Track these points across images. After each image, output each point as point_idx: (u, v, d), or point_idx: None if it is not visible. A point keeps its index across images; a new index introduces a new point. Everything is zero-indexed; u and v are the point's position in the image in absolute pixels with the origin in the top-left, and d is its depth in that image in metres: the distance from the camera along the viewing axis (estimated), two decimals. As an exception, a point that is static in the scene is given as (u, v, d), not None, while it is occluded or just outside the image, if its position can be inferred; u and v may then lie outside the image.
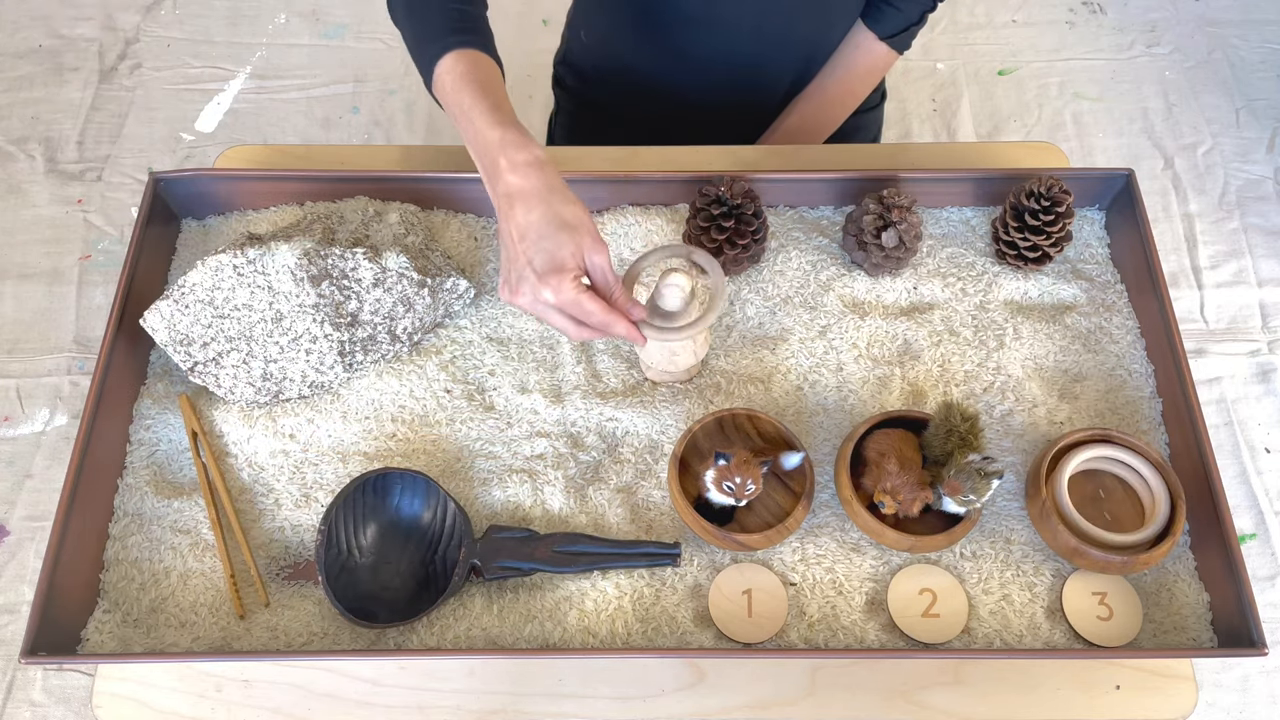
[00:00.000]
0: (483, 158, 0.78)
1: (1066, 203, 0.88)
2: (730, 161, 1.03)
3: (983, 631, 0.77)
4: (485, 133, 0.77)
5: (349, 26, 2.13)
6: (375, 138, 1.98)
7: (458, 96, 0.80)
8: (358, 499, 0.78)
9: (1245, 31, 2.16)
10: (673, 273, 0.76)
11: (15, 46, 2.07)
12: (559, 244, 0.73)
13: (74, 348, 1.72)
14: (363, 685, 0.78)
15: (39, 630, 0.72)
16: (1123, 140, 2.00)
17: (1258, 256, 1.84)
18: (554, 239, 0.73)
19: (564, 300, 0.72)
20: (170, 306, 0.82)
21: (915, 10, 1.03)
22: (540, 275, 0.72)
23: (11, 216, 1.86)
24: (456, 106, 0.80)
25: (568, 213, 0.74)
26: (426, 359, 0.88)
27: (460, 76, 0.80)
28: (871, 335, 0.90)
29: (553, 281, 0.72)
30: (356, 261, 0.84)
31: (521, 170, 0.75)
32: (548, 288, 0.72)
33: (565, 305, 0.73)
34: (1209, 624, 0.78)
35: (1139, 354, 0.90)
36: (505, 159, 0.75)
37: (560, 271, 0.72)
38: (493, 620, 0.77)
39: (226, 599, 0.78)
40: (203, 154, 1.94)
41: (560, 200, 0.75)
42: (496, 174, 0.76)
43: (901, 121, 2.02)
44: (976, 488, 0.74)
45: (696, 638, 0.77)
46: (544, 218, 0.73)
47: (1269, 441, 1.66)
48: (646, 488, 0.83)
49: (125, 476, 0.83)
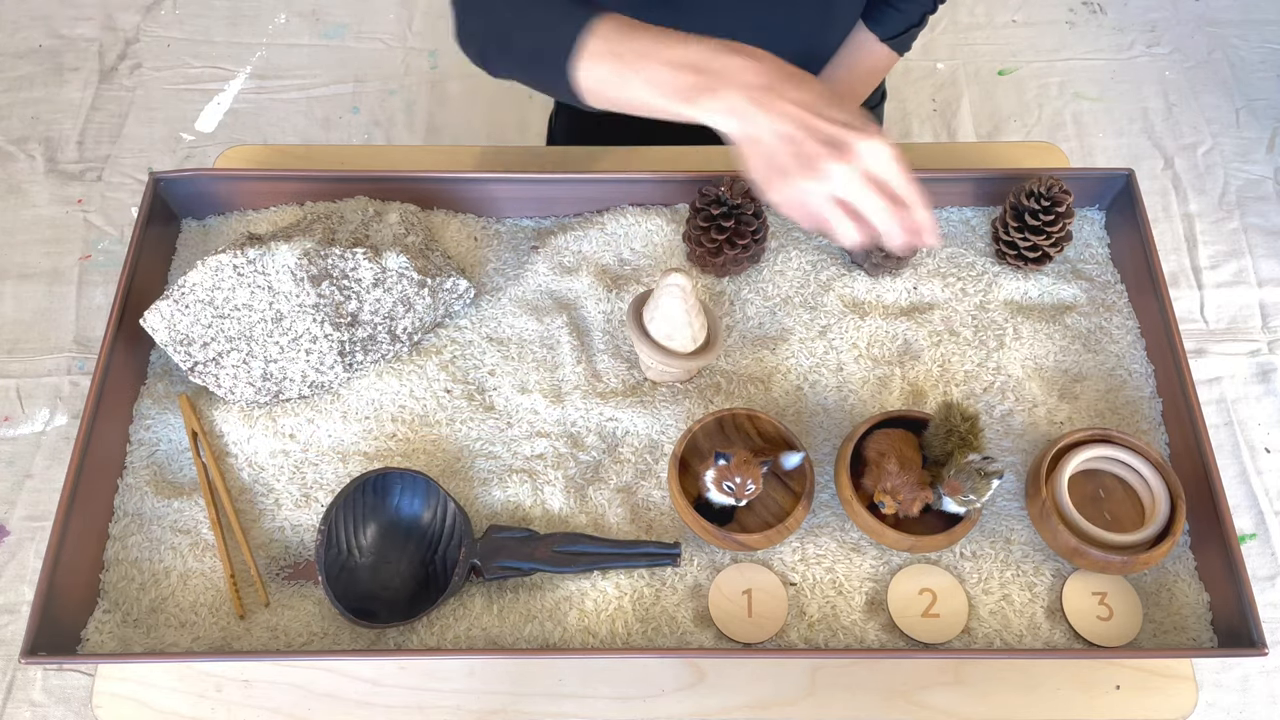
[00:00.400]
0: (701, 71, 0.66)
1: (1066, 203, 0.88)
2: (730, 161, 1.03)
3: (983, 631, 0.77)
4: (688, 48, 0.67)
5: (349, 26, 2.13)
6: (375, 138, 1.98)
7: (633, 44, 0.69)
8: (358, 499, 0.78)
9: (1245, 31, 2.16)
10: (673, 272, 0.76)
11: (15, 46, 2.07)
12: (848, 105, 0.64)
13: (74, 348, 1.72)
14: (363, 685, 0.78)
15: (39, 630, 0.72)
16: (1123, 140, 2.00)
17: (1258, 256, 1.85)
18: (842, 102, 0.64)
19: (894, 152, 0.63)
20: (170, 306, 0.82)
21: (916, 12, 1.04)
22: (859, 129, 0.62)
23: (11, 216, 1.86)
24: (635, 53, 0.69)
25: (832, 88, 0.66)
26: (426, 359, 0.88)
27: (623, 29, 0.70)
28: (871, 335, 0.90)
29: (876, 133, 0.63)
30: (356, 261, 0.84)
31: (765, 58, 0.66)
32: (876, 138, 0.62)
33: (896, 159, 0.63)
34: (1209, 624, 0.78)
35: (1139, 354, 0.90)
36: (736, 55, 0.66)
37: (874, 124, 0.64)
38: (493, 620, 0.77)
39: (226, 599, 0.78)
40: (203, 154, 1.94)
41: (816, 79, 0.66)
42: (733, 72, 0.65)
43: (901, 121, 2.02)
44: (976, 488, 0.74)
45: (696, 638, 0.77)
46: (820, 87, 0.65)
47: (1269, 441, 1.66)
48: (646, 488, 0.83)
49: (125, 476, 0.83)
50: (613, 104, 0.72)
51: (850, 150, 0.62)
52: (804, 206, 0.65)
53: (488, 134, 1.98)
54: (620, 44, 0.70)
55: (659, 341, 0.80)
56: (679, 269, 0.78)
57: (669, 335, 0.80)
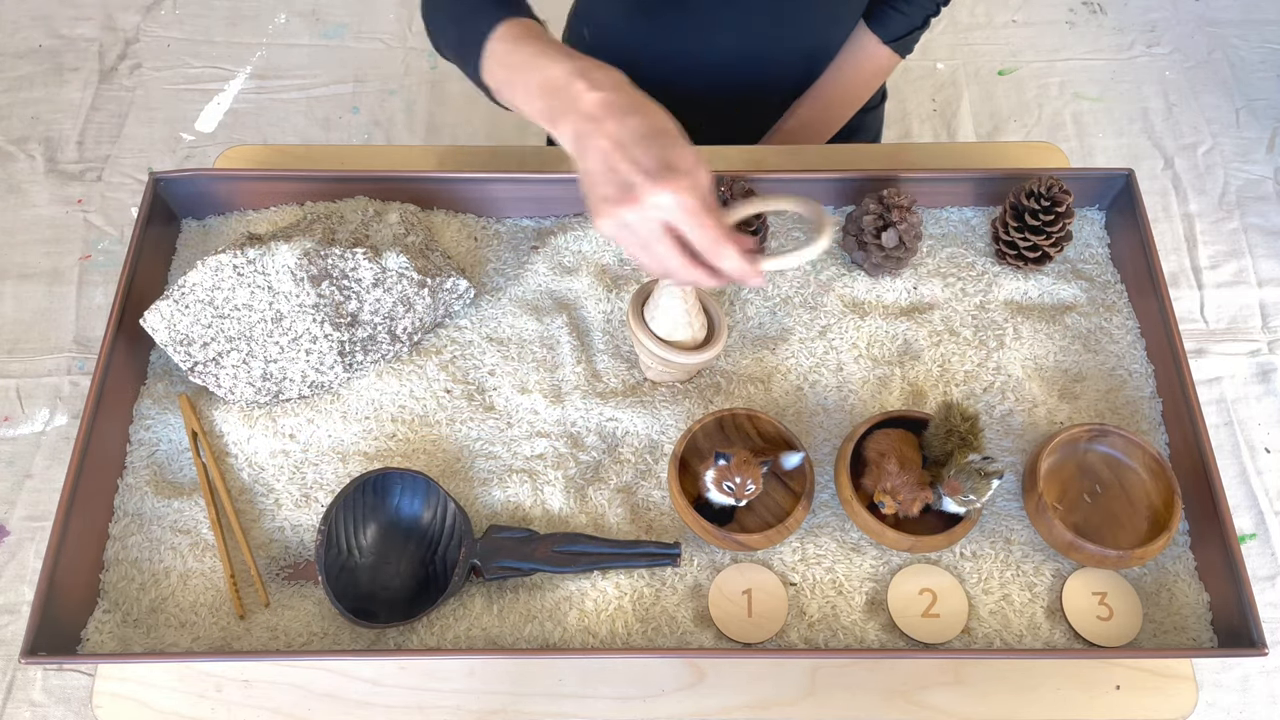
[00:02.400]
0: (555, 94, 0.68)
1: (1066, 203, 0.88)
2: (731, 161, 1.03)
3: (983, 631, 0.77)
4: (554, 68, 0.68)
5: (349, 26, 2.13)
6: (375, 138, 1.98)
7: (518, 55, 0.71)
8: (358, 499, 0.78)
9: (1245, 31, 2.16)
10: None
11: (15, 46, 2.07)
12: (666, 146, 0.64)
13: (74, 348, 1.72)
14: (363, 685, 0.78)
15: (39, 630, 0.72)
16: (1123, 140, 2.00)
17: (1258, 256, 1.85)
18: (659, 141, 0.64)
19: (684, 204, 0.62)
20: (170, 306, 0.83)
21: (919, 14, 1.04)
22: (653, 176, 0.62)
23: (11, 216, 1.86)
24: (517, 65, 0.71)
25: (669, 124, 0.66)
26: (426, 359, 0.88)
27: (517, 38, 0.72)
28: (871, 335, 0.90)
29: (670, 182, 0.62)
30: (356, 261, 0.84)
31: (606, 87, 0.66)
32: (665, 188, 0.61)
33: (685, 211, 0.62)
34: (1209, 624, 0.78)
35: (1139, 354, 0.90)
36: (584, 80, 0.67)
37: (675, 171, 0.62)
38: (493, 620, 0.77)
39: (226, 599, 0.78)
40: (203, 154, 1.94)
41: (655, 111, 0.66)
42: (574, 98, 0.67)
43: (901, 121, 2.02)
44: (976, 488, 0.74)
45: (696, 638, 0.77)
46: (643, 124, 0.64)
47: (1269, 441, 1.66)
48: (646, 488, 0.83)
49: (125, 476, 0.83)
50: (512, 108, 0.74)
51: (637, 199, 0.62)
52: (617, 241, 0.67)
53: (488, 134, 1.98)
54: (509, 55, 0.72)
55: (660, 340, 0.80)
56: None
57: (669, 335, 0.80)
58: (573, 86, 0.67)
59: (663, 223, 0.63)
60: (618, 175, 0.63)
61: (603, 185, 0.64)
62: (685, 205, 0.62)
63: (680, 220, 0.63)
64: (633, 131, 0.64)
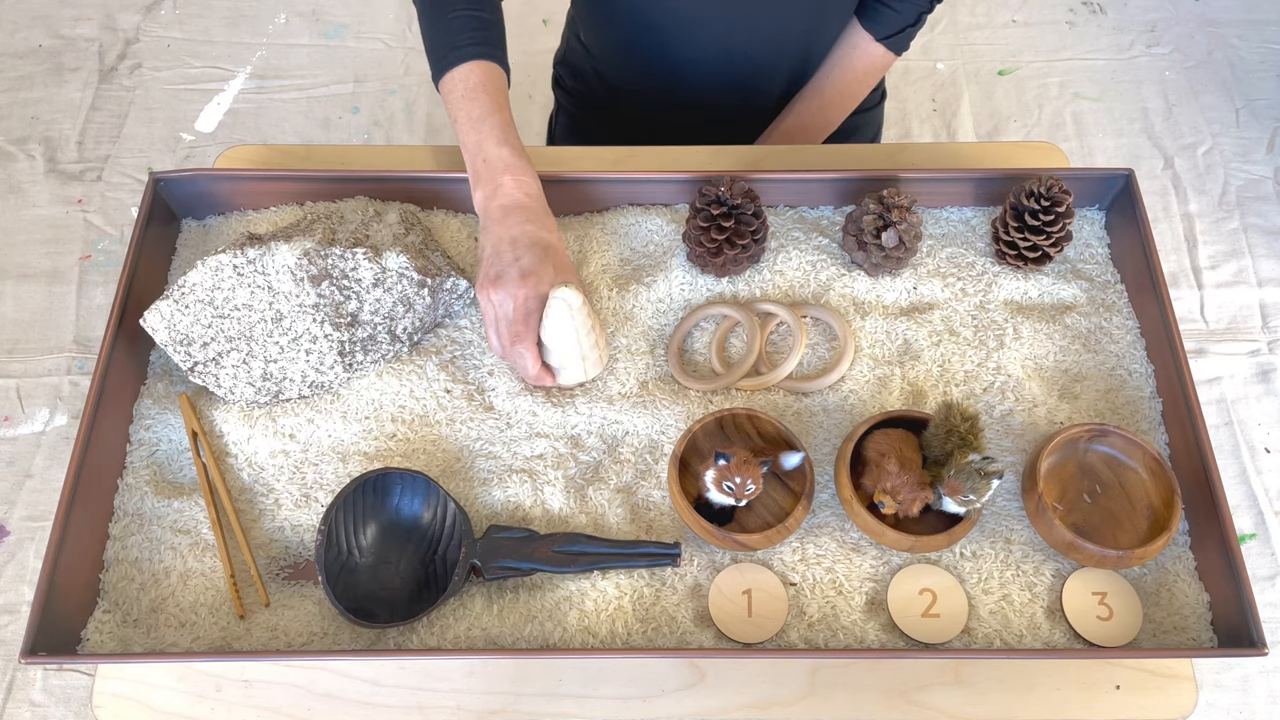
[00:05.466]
0: (485, 167, 0.85)
1: (1066, 203, 0.88)
2: (730, 161, 1.03)
3: (983, 631, 0.77)
4: (493, 147, 0.85)
5: (349, 26, 2.13)
6: (375, 138, 1.98)
7: (469, 105, 0.86)
8: (358, 499, 0.78)
9: (1245, 31, 2.16)
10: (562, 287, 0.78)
11: (15, 46, 2.07)
12: (542, 260, 0.81)
13: (74, 348, 1.72)
14: (363, 685, 0.78)
15: (39, 630, 0.72)
16: (1123, 140, 2.00)
17: (1258, 256, 1.85)
18: (541, 254, 0.81)
19: (527, 303, 0.80)
20: (170, 306, 0.82)
21: (912, 12, 1.03)
22: (523, 275, 0.80)
23: (11, 216, 1.86)
24: (465, 113, 0.87)
25: (556, 243, 0.84)
26: (426, 359, 0.88)
27: (475, 87, 0.87)
28: (871, 335, 0.90)
29: (530, 283, 0.80)
30: (356, 261, 0.84)
31: (525, 191, 0.84)
32: (525, 286, 0.80)
33: (522, 306, 0.80)
34: (1209, 624, 0.78)
35: (1139, 354, 0.90)
36: (511, 177, 0.84)
37: (538, 277, 0.80)
38: (493, 620, 0.77)
39: (226, 599, 0.78)
40: (203, 154, 1.94)
41: (549, 230, 0.84)
42: (498, 187, 0.84)
43: (901, 121, 2.02)
44: (976, 488, 0.74)
45: (696, 638, 0.77)
46: (536, 236, 0.82)
47: (1269, 441, 1.66)
48: (646, 488, 0.83)
49: (125, 476, 0.83)
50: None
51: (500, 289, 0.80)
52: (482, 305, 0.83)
53: (487, 134, 1.98)
54: (459, 100, 0.87)
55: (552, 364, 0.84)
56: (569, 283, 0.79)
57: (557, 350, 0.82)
58: (501, 178, 0.84)
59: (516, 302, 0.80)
60: (500, 263, 0.81)
61: (488, 264, 0.82)
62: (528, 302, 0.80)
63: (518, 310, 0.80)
64: (528, 235, 0.82)
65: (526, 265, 0.80)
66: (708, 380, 0.87)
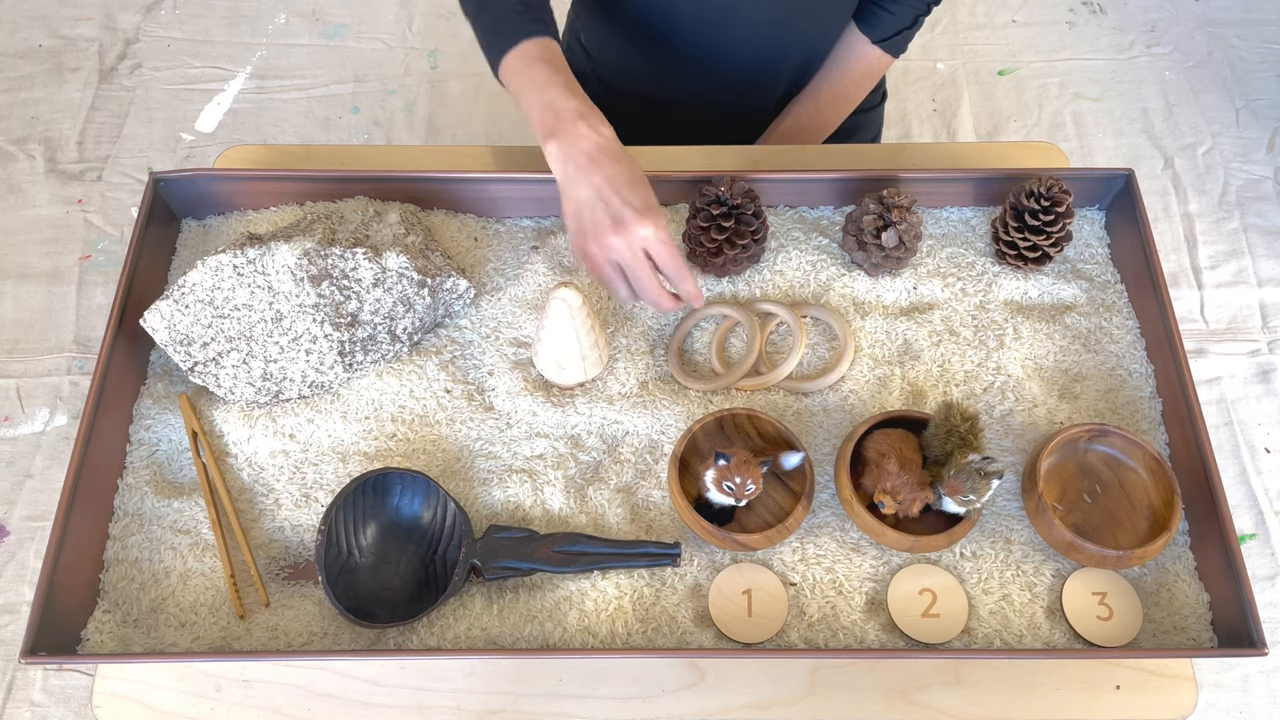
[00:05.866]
0: (557, 119, 0.81)
1: (1066, 203, 0.88)
2: (730, 161, 1.03)
3: (983, 631, 0.77)
4: (563, 101, 0.81)
5: (349, 26, 2.13)
6: (375, 138, 1.98)
7: (530, 73, 0.84)
8: (358, 499, 0.78)
9: (1245, 31, 2.16)
10: (562, 287, 0.78)
11: (15, 46, 2.07)
12: (649, 192, 0.78)
13: (74, 348, 1.72)
14: (363, 685, 0.78)
15: (39, 630, 0.72)
16: (1123, 140, 2.00)
17: (1258, 256, 1.84)
18: (645, 187, 0.79)
19: (661, 237, 0.77)
20: (170, 306, 0.82)
21: (908, 14, 1.03)
22: (640, 212, 0.77)
23: (11, 216, 1.86)
24: (528, 80, 0.84)
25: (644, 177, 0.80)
26: (426, 359, 0.88)
27: (535, 57, 0.84)
28: (871, 335, 0.90)
29: (653, 218, 0.77)
30: (356, 261, 0.84)
31: (605, 134, 0.80)
32: (649, 223, 0.76)
33: (661, 243, 0.77)
34: (1209, 624, 0.78)
35: (1139, 354, 0.90)
36: (586, 124, 0.80)
37: (657, 211, 0.77)
38: (493, 620, 0.77)
39: (226, 599, 0.78)
40: (203, 154, 1.94)
41: (637, 163, 0.80)
42: (576, 134, 0.80)
43: (901, 121, 2.02)
44: (976, 488, 0.74)
45: (696, 638, 0.77)
46: (630, 171, 0.79)
47: (1269, 441, 1.66)
48: (646, 488, 0.83)
49: (125, 476, 0.83)
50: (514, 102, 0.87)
51: (626, 228, 0.77)
52: (590, 261, 0.80)
53: (488, 134, 1.98)
54: (526, 70, 0.84)
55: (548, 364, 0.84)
56: (567, 284, 0.79)
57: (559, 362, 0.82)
58: (577, 125, 0.80)
59: (643, 250, 0.77)
60: (610, 208, 0.77)
61: (594, 213, 0.78)
62: (663, 239, 0.77)
63: (656, 249, 0.77)
64: (625, 173, 0.79)
65: (640, 203, 0.77)
66: (708, 380, 0.87)
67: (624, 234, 0.77)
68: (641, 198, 0.77)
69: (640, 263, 0.78)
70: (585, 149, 0.79)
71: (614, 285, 0.80)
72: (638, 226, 0.76)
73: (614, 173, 0.78)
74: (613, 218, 0.77)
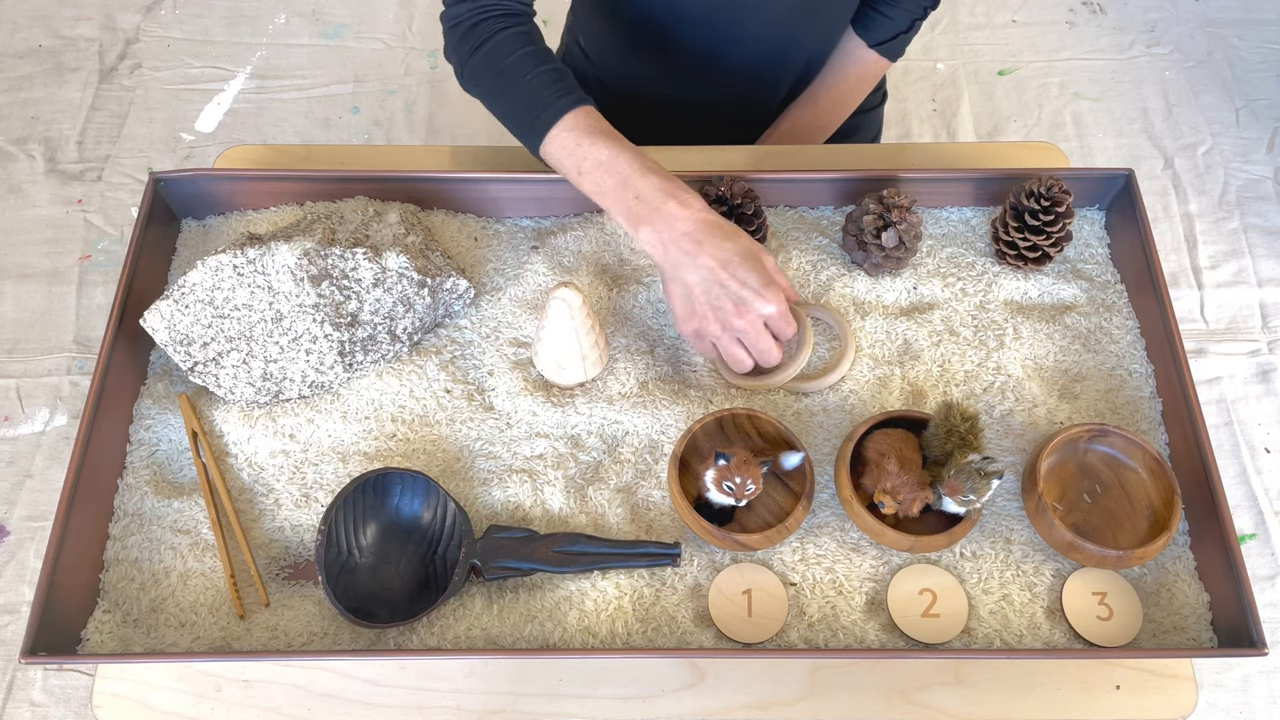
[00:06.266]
0: (642, 205, 0.78)
1: (1066, 203, 0.88)
2: (730, 161, 1.03)
3: (983, 631, 0.77)
4: (639, 181, 0.79)
5: (349, 26, 2.13)
6: (375, 138, 1.98)
7: (590, 149, 0.81)
8: (358, 499, 0.78)
9: (1245, 31, 2.16)
10: (562, 287, 0.78)
11: (15, 46, 2.07)
12: (763, 266, 0.78)
13: (74, 348, 1.72)
14: (363, 685, 0.78)
15: (39, 630, 0.72)
16: (1123, 140, 2.00)
17: (1258, 256, 1.84)
18: (758, 261, 0.78)
19: (783, 310, 0.77)
20: (170, 306, 0.83)
21: (906, 18, 1.03)
22: (759, 291, 0.76)
23: (11, 216, 1.86)
24: (590, 160, 0.81)
25: (754, 244, 0.79)
26: (426, 359, 0.88)
27: (587, 131, 0.81)
28: (871, 335, 0.90)
29: (773, 294, 0.77)
30: (356, 261, 0.84)
31: (699, 209, 0.78)
32: (772, 300, 0.77)
33: (781, 316, 0.78)
34: (1209, 624, 0.78)
35: (1139, 354, 0.90)
36: (675, 202, 0.78)
37: (775, 285, 0.78)
38: (493, 620, 0.77)
39: (226, 599, 0.78)
40: (203, 154, 1.94)
41: (743, 233, 0.79)
42: (669, 215, 0.78)
43: (901, 121, 2.02)
44: (976, 488, 0.74)
45: (696, 638, 0.77)
46: (743, 246, 0.78)
47: (1269, 441, 1.66)
48: (646, 488, 0.83)
49: (125, 476, 0.83)
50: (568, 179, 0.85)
51: (749, 311, 0.77)
52: (701, 343, 0.81)
53: (488, 134, 1.98)
54: (575, 153, 0.81)
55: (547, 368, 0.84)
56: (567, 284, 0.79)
57: (559, 353, 0.82)
58: (666, 205, 0.78)
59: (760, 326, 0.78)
60: (729, 292, 0.77)
61: (710, 298, 0.77)
62: (784, 313, 0.78)
63: (778, 322, 0.78)
64: (737, 251, 0.77)
65: (758, 282, 0.76)
66: (752, 378, 0.86)
67: (747, 315, 0.77)
68: (758, 274, 0.77)
69: (764, 336, 0.79)
70: (685, 230, 0.77)
71: (736, 359, 0.80)
72: (760, 306, 0.76)
73: (722, 253, 0.77)
74: (734, 301, 0.77)
